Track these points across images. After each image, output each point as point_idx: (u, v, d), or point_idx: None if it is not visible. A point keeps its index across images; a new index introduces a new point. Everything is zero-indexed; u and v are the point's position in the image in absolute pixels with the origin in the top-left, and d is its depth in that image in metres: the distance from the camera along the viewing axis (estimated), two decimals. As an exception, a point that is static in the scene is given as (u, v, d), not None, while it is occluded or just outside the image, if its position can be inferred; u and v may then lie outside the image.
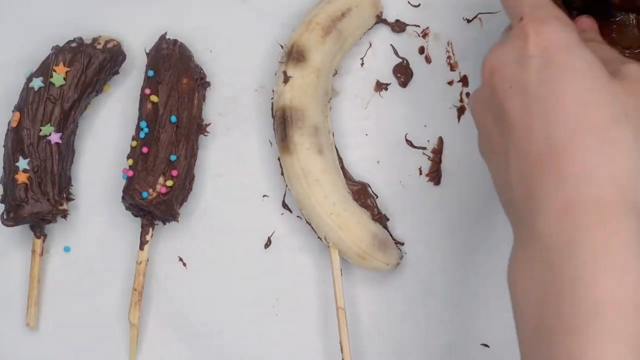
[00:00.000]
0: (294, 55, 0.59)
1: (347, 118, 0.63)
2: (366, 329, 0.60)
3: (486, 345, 0.60)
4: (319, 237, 0.59)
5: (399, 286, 0.61)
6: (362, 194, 0.60)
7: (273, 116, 0.60)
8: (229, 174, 0.63)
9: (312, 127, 0.58)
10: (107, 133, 0.63)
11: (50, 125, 0.59)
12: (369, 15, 0.62)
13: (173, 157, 0.59)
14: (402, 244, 0.61)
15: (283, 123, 0.58)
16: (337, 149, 0.61)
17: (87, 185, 0.63)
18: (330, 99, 0.61)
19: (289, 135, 0.58)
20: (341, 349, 0.57)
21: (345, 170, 0.60)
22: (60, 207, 0.60)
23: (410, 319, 0.60)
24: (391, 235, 0.60)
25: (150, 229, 0.60)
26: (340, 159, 0.61)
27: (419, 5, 0.64)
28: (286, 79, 0.59)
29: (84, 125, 0.63)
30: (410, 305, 0.61)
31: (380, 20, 0.63)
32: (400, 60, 0.63)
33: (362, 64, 0.64)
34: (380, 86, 0.63)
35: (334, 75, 0.62)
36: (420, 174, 0.62)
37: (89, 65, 0.60)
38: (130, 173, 0.59)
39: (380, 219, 0.60)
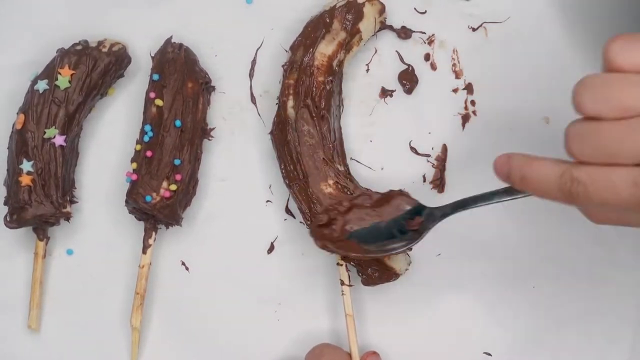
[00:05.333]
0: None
1: (351, 124, 0.63)
2: (371, 336, 0.60)
3: (488, 354, 0.60)
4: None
5: (403, 292, 0.61)
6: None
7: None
8: (232, 179, 0.63)
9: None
10: (112, 136, 0.63)
11: (55, 128, 0.59)
12: (372, 21, 0.62)
13: (177, 161, 0.59)
14: (410, 249, 0.61)
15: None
16: (342, 156, 0.61)
17: (91, 189, 0.63)
18: (339, 106, 0.62)
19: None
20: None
21: (350, 177, 0.60)
22: (64, 210, 0.60)
23: (414, 326, 0.60)
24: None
25: (154, 233, 0.60)
26: (345, 165, 0.61)
27: (425, 12, 0.64)
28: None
29: (88, 128, 0.63)
30: (414, 313, 0.61)
31: (385, 26, 0.63)
32: (405, 66, 0.63)
33: (368, 70, 0.64)
34: (386, 93, 0.63)
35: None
36: (424, 181, 0.62)
37: (94, 68, 0.60)
38: (134, 177, 0.59)
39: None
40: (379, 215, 0.56)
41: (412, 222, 0.55)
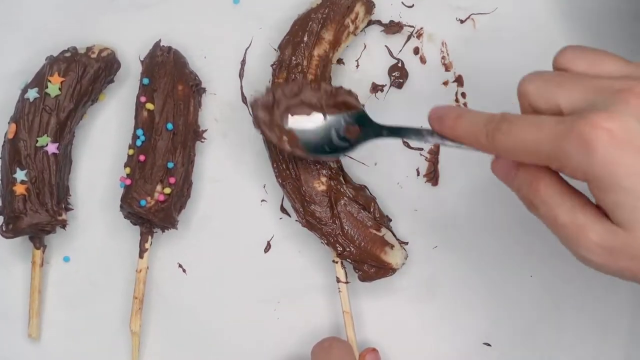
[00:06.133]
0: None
1: (343, 121, 0.63)
2: (370, 331, 0.60)
3: (488, 344, 0.60)
4: (321, 242, 0.59)
5: (400, 287, 0.61)
6: (362, 196, 0.60)
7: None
8: (226, 180, 0.63)
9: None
10: (104, 142, 0.63)
11: (47, 136, 0.59)
12: (361, 17, 0.62)
13: (170, 165, 0.59)
14: (407, 243, 0.61)
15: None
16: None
17: (86, 195, 0.63)
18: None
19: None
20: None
21: (344, 173, 0.60)
22: (59, 218, 0.60)
23: (412, 319, 0.61)
24: (395, 236, 0.60)
25: (150, 237, 0.60)
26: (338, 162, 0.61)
27: (413, 5, 0.64)
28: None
29: (80, 134, 0.63)
30: (412, 306, 0.61)
31: (373, 21, 0.63)
32: (395, 61, 0.63)
33: (357, 66, 0.64)
34: (376, 88, 0.63)
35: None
36: (418, 175, 0.62)
37: (84, 74, 0.60)
38: (128, 181, 0.59)
39: (382, 220, 0.60)
40: (322, 108, 0.56)
41: (351, 128, 0.56)
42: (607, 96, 0.42)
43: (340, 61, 0.63)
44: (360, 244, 0.58)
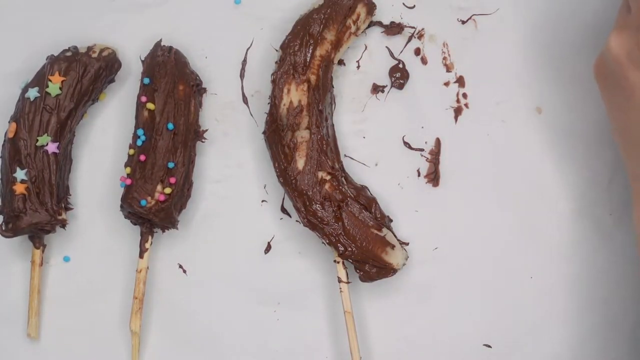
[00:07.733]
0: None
1: (344, 121, 0.63)
2: (371, 332, 0.60)
3: (488, 346, 0.60)
4: (322, 242, 0.59)
5: (401, 287, 0.61)
6: (363, 196, 0.60)
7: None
8: (227, 180, 0.63)
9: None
10: (104, 141, 0.63)
11: (47, 135, 0.59)
12: (362, 19, 0.62)
13: (171, 165, 0.59)
14: (407, 244, 0.61)
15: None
16: (335, 153, 0.61)
17: (86, 195, 0.63)
18: (331, 103, 0.62)
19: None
20: (350, 352, 0.57)
21: (345, 173, 0.60)
22: (59, 217, 0.60)
23: (413, 320, 0.61)
24: (395, 237, 0.60)
25: (150, 237, 0.60)
26: (340, 162, 0.61)
27: (414, 6, 0.64)
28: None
29: (80, 134, 0.63)
30: (413, 307, 0.61)
31: (374, 22, 0.63)
32: (396, 62, 0.63)
33: (358, 67, 0.63)
34: (377, 88, 0.63)
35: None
36: (419, 175, 0.62)
37: (85, 74, 0.60)
38: (129, 181, 0.59)
39: (383, 220, 0.60)
40: None
41: None
42: None
43: (341, 62, 0.63)
44: (362, 244, 0.58)
